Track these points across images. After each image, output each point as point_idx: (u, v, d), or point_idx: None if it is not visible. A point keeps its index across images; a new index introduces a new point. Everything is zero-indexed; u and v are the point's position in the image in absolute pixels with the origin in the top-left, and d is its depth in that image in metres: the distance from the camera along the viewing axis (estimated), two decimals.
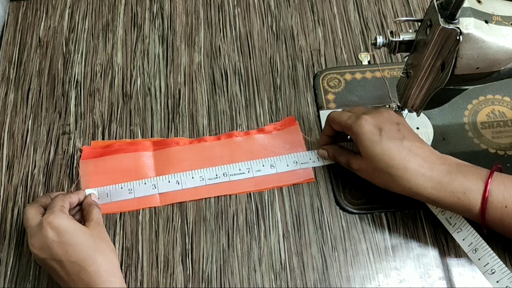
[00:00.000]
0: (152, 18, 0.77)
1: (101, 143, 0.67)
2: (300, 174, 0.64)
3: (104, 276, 0.52)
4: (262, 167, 0.64)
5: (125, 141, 0.67)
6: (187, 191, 0.63)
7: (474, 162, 0.63)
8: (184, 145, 0.66)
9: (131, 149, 0.66)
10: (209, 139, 0.67)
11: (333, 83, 0.71)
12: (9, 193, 0.64)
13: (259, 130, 0.68)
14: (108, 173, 0.64)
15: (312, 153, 0.65)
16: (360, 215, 0.61)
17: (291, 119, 0.68)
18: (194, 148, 0.66)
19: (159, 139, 0.67)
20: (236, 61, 0.73)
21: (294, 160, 0.65)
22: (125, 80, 0.72)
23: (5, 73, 0.73)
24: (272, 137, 0.67)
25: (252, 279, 0.59)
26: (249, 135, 0.67)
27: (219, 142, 0.67)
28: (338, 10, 0.78)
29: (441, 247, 0.59)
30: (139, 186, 0.63)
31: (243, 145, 0.66)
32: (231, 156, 0.65)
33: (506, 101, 0.68)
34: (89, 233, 0.54)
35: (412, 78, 0.56)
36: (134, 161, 0.65)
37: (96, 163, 0.65)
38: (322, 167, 0.65)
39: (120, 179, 0.64)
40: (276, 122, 0.68)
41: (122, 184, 0.63)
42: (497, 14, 0.50)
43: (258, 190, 0.63)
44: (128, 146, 0.66)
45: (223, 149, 0.66)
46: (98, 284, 0.52)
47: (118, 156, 0.65)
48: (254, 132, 0.67)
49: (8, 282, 0.59)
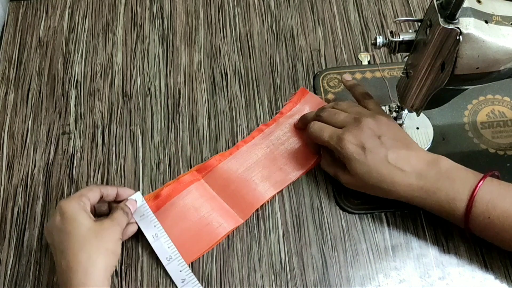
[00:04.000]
0: (152, 18, 0.77)
1: (148, 197, 0.62)
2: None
3: (78, 277, 0.50)
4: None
5: (170, 184, 0.63)
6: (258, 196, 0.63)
7: (474, 162, 0.63)
8: (225, 158, 0.65)
9: (182, 188, 0.63)
10: (244, 142, 0.66)
11: (333, 83, 0.71)
12: (9, 193, 0.64)
13: (280, 113, 0.68)
14: (182, 220, 0.61)
15: None
16: (360, 215, 0.61)
17: (302, 90, 0.69)
18: (237, 157, 0.65)
19: (199, 165, 0.65)
20: (236, 61, 0.73)
21: None
22: (125, 80, 0.72)
23: (5, 73, 0.73)
24: (295, 114, 0.68)
25: (252, 279, 0.59)
26: (276, 121, 0.67)
27: (255, 140, 0.66)
28: (338, 10, 0.78)
29: (441, 247, 0.59)
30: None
31: (277, 133, 0.66)
32: (273, 148, 0.66)
33: (506, 101, 0.68)
34: (87, 227, 0.52)
35: (412, 78, 0.56)
36: (194, 194, 0.62)
37: (160, 217, 0.61)
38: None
39: (195, 215, 0.61)
40: (288, 101, 0.69)
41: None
42: (497, 14, 0.50)
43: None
44: (177, 186, 0.63)
45: (263, 145, 0.66)
46: (71, 280, 0.50)
47: (176, 199, 0.62)
48: (277, 117, 0.68)
49: (8, 282, 0.59)
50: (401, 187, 0.56)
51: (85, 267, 0.51)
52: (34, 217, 0.63)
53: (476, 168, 0.64)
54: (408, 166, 0.56)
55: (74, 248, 0.51)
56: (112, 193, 0.59)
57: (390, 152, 0.56)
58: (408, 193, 0.56)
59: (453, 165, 0.56)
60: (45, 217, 0.63)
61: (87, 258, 0.51)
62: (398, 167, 0.56)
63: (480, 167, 0.63)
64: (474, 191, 0.53)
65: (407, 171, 0.55)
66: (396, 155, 0.56)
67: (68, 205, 0.53)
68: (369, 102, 0.62)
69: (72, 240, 0.52)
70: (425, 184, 0.55)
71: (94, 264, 0.51)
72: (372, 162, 0.56)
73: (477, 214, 0.53)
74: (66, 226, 0.52)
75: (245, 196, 0.62)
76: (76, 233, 0.52)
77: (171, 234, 0.59)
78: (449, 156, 0.63)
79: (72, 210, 0.53)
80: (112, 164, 0.66)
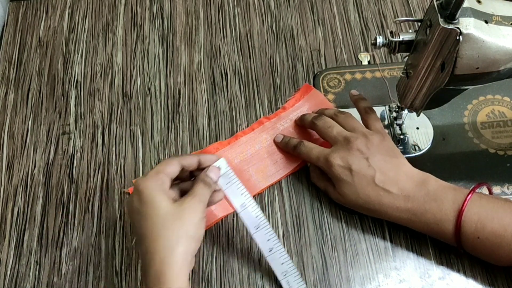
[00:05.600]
0: (152, 18, 0.77)
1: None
2: None
3: (156, 265, 0.48)
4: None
5: None
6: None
7: (474, 162, 0.63)
8: (223, 147, 0.65)
9: None
10: (243, 133, 0.67)
11: (333, 83, 0.71)
12: (9, 193, 0.64)
13: (283, 108, 0.68)
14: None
15: None
16: (360, 215, 0.61)
17: (306, 86, 0.69)
18: (234, 147, 0.65)
19: (197, 151, 0.66)
20: (236, 61, 0.73)
21: None
22: (125, 80, 0.72)
23: (5, 73, 0.73)
24: (298, 109, 0.68)
25: (252, 279, 0.59)
26: (277, 116, 0.68)
27: (254, 133, 0.67)
28: (338, 10, 0.78)
29: (441, 247, 0.59)
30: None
31: (278, 128, 0.67)
32: (271, 141, 0.66)
33: (506, 101, 0.68)
34: (166, 210, 0.49)
35: (412, 78, 0.56)
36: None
37: None
38: None
39: None
40: (291, 96, 0.69)
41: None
42: (497, 14, 0.50)
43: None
44: None
45: (262, 138, 0.66)
46: (149, 267, 0.48)
47: None
48: (279, 112, 0.68)
49: (8, 282, 0.59)
50: (389, 209, 0.56)
51: (162, 256, 0.48)
52: (34, 217, 0.63)
53: (476, 168, 0.64)
54: (395, 188, 0.56)
55: (152, 235, 0.48)
56: (193, 163, 0.54)
57: (377, 173, 0.56)
58: (396, 214, 0.56)
59: (441, 185, 0.56)
60: (45, 217, 0.63)
61: (164, 246, 0.48)
62: (385, 189, 0.56)
63: (480, 167, 0.64)
64: (461, 211, 0.53)
65: (395, 193, 0.56)
66: (384, 177, 0.56)
67: (145, 184, 0.50)
68: (369, 118, 0.61)
69: (150, 224, 0.49)
70: (412, 206, 0.55)
71: (172, 253, 0.48)
72: (359, 183, 0.56)
73: (466, 234, 0.53)
74: (144, 208, 0.49)
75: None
76: (153, 217, 0.49)
77: None
78: (449, 156, 0.63)
79: (149, 190, 0.50)
80: (112, 164, 0.66)
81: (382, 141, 0.59)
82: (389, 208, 0.56)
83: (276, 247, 0.55)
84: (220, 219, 0.61)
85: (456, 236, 0.54)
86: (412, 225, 0.56)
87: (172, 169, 0.52)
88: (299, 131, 0.66)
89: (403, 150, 0.64)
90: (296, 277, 0.56)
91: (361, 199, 0.57)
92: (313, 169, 0.63)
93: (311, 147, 0.61)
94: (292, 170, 0.64)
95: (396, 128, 0.66)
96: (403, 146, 0.65)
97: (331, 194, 0.60)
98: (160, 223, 0.49)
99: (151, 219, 0.49)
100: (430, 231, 0.56)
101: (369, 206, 0.57)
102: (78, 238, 0.61)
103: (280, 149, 0.65)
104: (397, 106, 0.64)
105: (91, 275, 0.59)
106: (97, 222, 0.62)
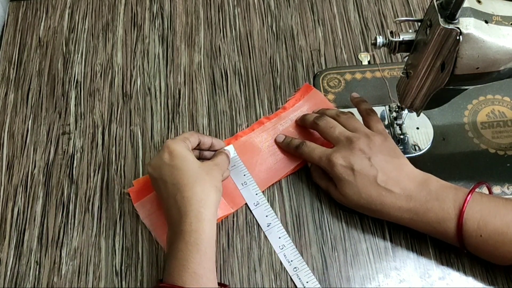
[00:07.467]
0: (152, 18, 0.77)
1: (142, 179, 0.63)
2: None
3: (194, 205, 0.53)
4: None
5: None
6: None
7: (474, 162, 0.63)
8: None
9: None
10: (243, 133, 0.67)
11: (333, 83, 0.71)
12: (9, 193, 0.64)
13: (283, 108, 0.68)
14: None
15: None
16: (361, 215, 0.61)
17: (306, 86, 0.69)
18: (234, 147, 0.65)
19: None
20: (236, 61, 0.73)
21: None
22: (125, 80, 0.72)
23: (5, 73, 0.73)
24: (298, 109, 0.68)
25: (252, 279, 0.59)
26: (278, 116, 0.68)
27: (254, 133, 0.67)
28: (338, 10, 0.78)
29: (441, 247, 0.59)
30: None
31: (278, 128, 0.67)
32: (271, 142, 0.66)
33: (506, 101, 0.68)
34: (197, 165, 0.56)
35: (412, 78, 0.56)
36: None
37: (151, 200, 0.62)
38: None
39: None
40: (292, 96, 0.69)
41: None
42: (497, 14, 0.50)
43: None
44: None
45: (262, 138, 0.66)
46: (186, 209, 0.53)
47: None
48: (280, 112, 0.68)
49: (8, 282, 0.59)
50: (391, 209, 0.56)
51: (200, 198, 0.54)
52: (34, 217, 0.63)
53: (476, 168, 0.64)
54: (397, 188, 0.56)
55: (189, 183, 0.54)
56: (208, 142, 0.61)
57: (380, 173, 0.56)
58: (398, 214, 0.56)
59: (442, 185, 0.56)
60: (45, 217, 0.63)
61: (201, 190, 0.54)
62: (387, 189, 0.56)
63: (480, 167, 0.64)
64: (463, 209, 0.53)
65: (397, 193, 0.56)
66: (386, 177, 0.56)
67: (176, 144, 0.56)
68: (371, 119, 0.61)
69: (186, 175, 0.55)
70: (414, 205, 0.55)
71: (208, 197, 0.54)
72: (361, 183, 0.56)
73: (469, 233, 0.53)
74: (177, 162, 0.55)
75: (235, 191, 0.63)
76: (188, 169, 0.55)
77: None
78: (449, 156, 0.63)
79: (180, 149, 0.56)
80: (112, 164, 0.66)
81: (384, 141, 0.59)
82: (391, 208, 0.56)
83: (273, 222, 0.61)
84: (220, 219, 0.61)
85: (459, 235, 0.54)
86: (414, 225, 0.56)
87: (194, 140, 0.59)
88: (299, 131, 0.66)
89: (403, 150, 0.64)
90: (292, 250, 0.60)
91: (363, 199, 0.57)
92: (315, 169, 0.63)
93: (313, 147, 0.61)
94: (292, 170, 0.64)
95: (396, 128, 0.66)
96: (403, 146, 0.65)
97: (332, 194, 0.60)
98: (195, 174, 0.55)
99: (187, 171, 0.55)
100: (432, 231, 0.56)
101: (371, 206, 0.57)
102: (78, 238, 0.61)
103: (281, 149, 0.65)
104: (397, 106, 0.64)
105: (91, 275, 0.59)
106: (97, 222, 0.62)
